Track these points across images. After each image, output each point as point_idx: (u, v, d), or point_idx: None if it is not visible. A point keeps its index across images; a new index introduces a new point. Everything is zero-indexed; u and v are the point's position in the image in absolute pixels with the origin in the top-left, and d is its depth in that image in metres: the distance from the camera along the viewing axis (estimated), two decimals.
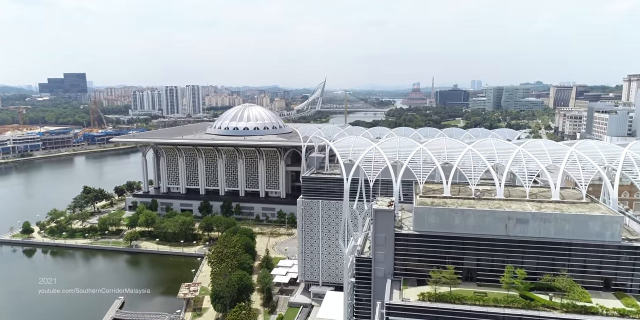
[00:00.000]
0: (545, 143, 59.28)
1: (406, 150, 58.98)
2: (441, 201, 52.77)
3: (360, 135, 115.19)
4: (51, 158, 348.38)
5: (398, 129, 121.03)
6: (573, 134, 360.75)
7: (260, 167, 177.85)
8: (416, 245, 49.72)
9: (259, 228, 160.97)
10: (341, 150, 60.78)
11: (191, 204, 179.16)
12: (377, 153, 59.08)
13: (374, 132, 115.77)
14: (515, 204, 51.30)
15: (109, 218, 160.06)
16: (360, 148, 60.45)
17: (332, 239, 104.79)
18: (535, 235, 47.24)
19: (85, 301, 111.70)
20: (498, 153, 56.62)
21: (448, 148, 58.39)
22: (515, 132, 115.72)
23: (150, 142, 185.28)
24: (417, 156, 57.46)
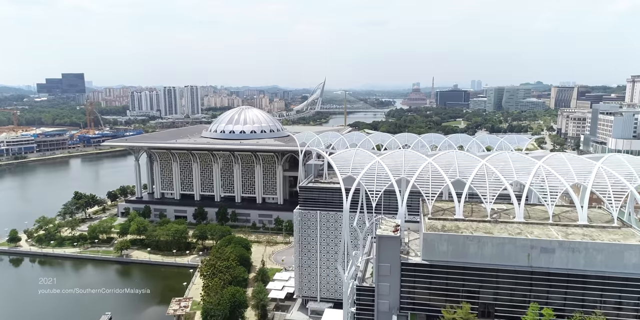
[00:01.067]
0: (568, 157, 53.15)
1: (412, 164, 53.00)
2: (453, 224, 46.70)
3: (361, 142, 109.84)
4: (46, 160, 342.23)
5: (401, 135, 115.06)
6: (577, 136, 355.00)
7: (257, 172, 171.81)
8: (425, 276, 43.70)
9: (255, 236, 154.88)
10: (340, 165, 54.78)
11: (186, 210, 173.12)
12: (379, 167, 53.03)
13: (376, 138, 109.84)
14: (538, 229, 45.25)
15: (99, 226, 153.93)
16: (362, 162, 54.46)
17: (330, 253, 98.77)
18: (562, 267, 41.25)
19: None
20: (516, 168, 50.58)
21: (459, 162, 52.35)
22: (524, 138, 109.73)
23: (144, 147, 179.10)
24: (425, 171, 51.39)
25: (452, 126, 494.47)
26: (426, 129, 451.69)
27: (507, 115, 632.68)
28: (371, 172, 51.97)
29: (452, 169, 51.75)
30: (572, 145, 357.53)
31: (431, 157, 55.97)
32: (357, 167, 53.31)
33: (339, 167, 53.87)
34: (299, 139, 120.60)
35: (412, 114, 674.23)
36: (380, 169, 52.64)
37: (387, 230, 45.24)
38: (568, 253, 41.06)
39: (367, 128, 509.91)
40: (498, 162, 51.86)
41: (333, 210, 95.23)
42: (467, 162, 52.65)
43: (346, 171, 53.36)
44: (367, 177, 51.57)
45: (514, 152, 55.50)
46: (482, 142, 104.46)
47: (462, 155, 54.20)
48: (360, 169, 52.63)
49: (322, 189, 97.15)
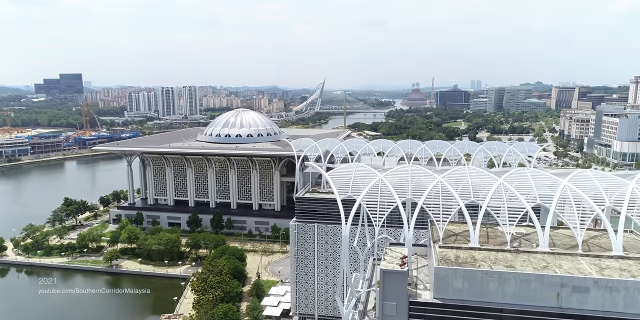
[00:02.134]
0: (597, 175, 47.23)
1: (419, 182, 47.03)
2: (468, 255, 40.72)
3: (361, 149, 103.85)
4: (40, 163, 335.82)
5: (404, 142, 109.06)
6: (580, 138, 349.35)
7: (253, 178, 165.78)
8: (438, 317, 37.71)
9: (251, 245, 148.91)
10: (339, 183, 48.83)
11: (179, 217, 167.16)
12: (383, 185, 47.04)
13: (377, 145, 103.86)
14: (567, 262, 39.28)
15: (88, 234, 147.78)
16: (363, 179, 48.54)
17: (329, 268, 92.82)
18: (598, 309, 35.29)
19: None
20: (537, 188, 44.60)
21: (473, 180, 46.36)
22: (534, 146, 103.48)
23: (136, 151, 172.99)
24: (434, 191, 45.43)
25: (452, 127, 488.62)
26: (427, 131, 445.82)
27: (508, 116, 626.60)
28: (374, 191, 46.07)
29: (464, 188, 45.83)
30: (575, 147, 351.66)
31: (440, 172, 49.96)
32: (358, 185, 47.46)
33: (338, 185, 47.97)
34: (295, 146, 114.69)
35: (412, 115, 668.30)
36: (384, 187, 46.69)
37: (393, 262, 39.28)
38: (605, 293, 35.14)
39: (367, 129, 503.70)
40: (517, 180, 45.84)
41: (332, 222, 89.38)
42: (482, 179, 46.69)
43: (345, 190, 47.48)
44: (370, 198, 45.68)
45: (534, 168, 49.39)
46: (489, 149, 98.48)
47: (476, 172, 48.18)
48: (361, 187, 46.73)
49: (320, 200, 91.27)
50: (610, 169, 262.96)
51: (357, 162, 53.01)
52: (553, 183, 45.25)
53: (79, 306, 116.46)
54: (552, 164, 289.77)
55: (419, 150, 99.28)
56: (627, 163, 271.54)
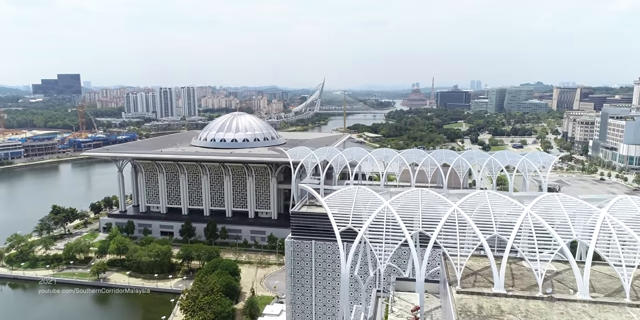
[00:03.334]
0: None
1: (431, 210, 40.23)
2: (492, 304, 33.87)
3: (362, 159, 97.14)
4: (33, 166, 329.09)
5: (408, 151, 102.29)
6: (584, 140, 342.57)
7: (249, 185, 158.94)
8: None
9: (246, 256, 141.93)
10: (338, 212, 42.03)
11: (172, 225, 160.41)
12: (389, 214, 40.24)
13: (379, 155, 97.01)
14: (613, 314, 32.45)
15: (75, 245, 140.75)
16: (365, 206, 41.78)
17: (327, 288, 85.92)
18: None
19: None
20: (572, 219, 37.77)
21: (495, 208, 39.58)
22: (549, 156, 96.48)
23: (127, 157, 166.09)
24: (450, 222, 38.67)
25: (453, 129, 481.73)
26: (428, 133, 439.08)
27: (510, 117, 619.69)
28: (378, 222, 39.35)
29: (485, 218, 39.02)
30: (579, 150, 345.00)
31: (454, 196, 43.09)
32: (359, 214, 40.74)
33: (336, 215, 41.25)
34: (291, 155, 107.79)
35: (412, 116, 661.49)
36: (389, 217, 39.92)
37: (403, 316, 32.47)
38: None
39: (367, 131, 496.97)
40: (546, 209, 39.00)
41: (331, 240, 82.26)
42: (505, 208, 39.85)
43: (345, 221, 40.79)
44: (373, 231, 38.97)
45: (567, 195, 42.56)
46: (501, 160, 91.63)
47: (497, 199, 41.39)
48: (363, 216, 39.99)
49: (318, 215, 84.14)
50: (617, 174, 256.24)
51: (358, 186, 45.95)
52: (589, 213, 38.44)
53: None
54: (557, 167, 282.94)
55: (424, 161, 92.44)
56: (634, 167, 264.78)
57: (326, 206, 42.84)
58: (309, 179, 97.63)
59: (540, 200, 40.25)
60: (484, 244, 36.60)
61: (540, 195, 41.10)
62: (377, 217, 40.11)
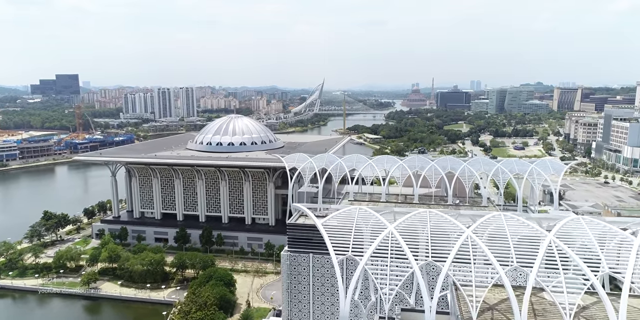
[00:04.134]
0: None
1: (441, 237, 35.77)
2: None
3: (362, 168, 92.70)
4: (29, 169, 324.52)
5: (411, 158, 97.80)
6: (587, 142, 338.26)
7: (245, 190, 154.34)
8: None
9: (243, 264, 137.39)
10: (337, 238, 37.58)
11: (167, 232, 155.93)
12: (394, 241, 35.79)
13: (380, 162, 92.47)
14: None
15: (66, 253, 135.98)
16: (367, 230, 37.33)
17: (326, 304, 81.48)
18: None
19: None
20: (601, 247, 33.28)
21: (513, 235, 35.10)
22: (560, 165, 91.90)
23: (120, 162, 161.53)
24: (463, 249, 34.23)
25: (454, 130, 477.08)
26: (428, 134, 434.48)
27: (510, 118, 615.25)
28: (382, 250, 34.92)
29: (502, 245, 34.55)
30: (582, 152, 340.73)
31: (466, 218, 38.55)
32: (361, 240, 36.31)
33: (335, 242, 36.84)
34: (288, 162, 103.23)
35: (412, 117, 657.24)
36: (394, 243, 35.46)
37: None
38: None
39: (367, 132, 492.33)
40: (571, 236, 34.51)
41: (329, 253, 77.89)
42: (524, 233, 35.36)
43: (344, 248, 36.38)
44: (377, 260, 34.55)
45: (592, 219, 38.09)
46: (508, 168, 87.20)
47: (515, 222, 36.92)
48: (365, 243, 35.59)
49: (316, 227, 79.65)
50: (621, 177, 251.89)
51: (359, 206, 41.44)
52: (621, 239, 33.97)
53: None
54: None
55: (428, 169, 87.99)
56: (638, 170, 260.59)
57: (324, 232, 38.38)
58: (306, 186, 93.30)
59: (565, 224, 35.77)
60: (503, 277, 32.16)
61: (562, 219, 36.60)
62: (380, 243, 35.70)
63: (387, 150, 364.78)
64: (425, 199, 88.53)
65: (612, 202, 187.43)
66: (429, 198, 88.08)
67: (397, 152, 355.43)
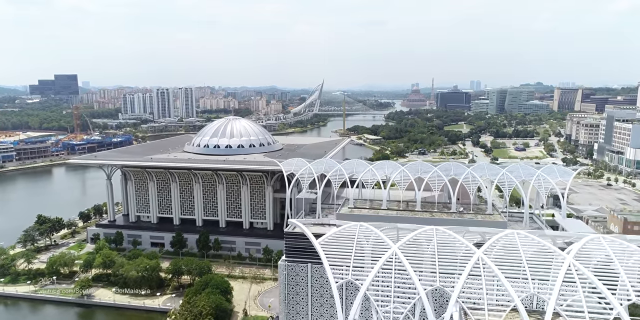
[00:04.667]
0: None
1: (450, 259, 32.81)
2: None
3: (363, 173, 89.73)
4: (25, 170, 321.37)
5: (413, 163, 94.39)
6: (589, 144, 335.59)
7: (243, 194, 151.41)
8: None
9: (240, 270, 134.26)
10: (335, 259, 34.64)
11: (163, 236, 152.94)
12: (398, 264, 32.81)
13: (381, 168, 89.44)
14: None
15: (59, 258, 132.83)
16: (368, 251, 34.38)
17: (325, 316, 78.41)
18: None
19: None
20: (628, 274, 30.28)
21: (529, 257, 32.14)
22: (567, 171, 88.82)
23: (115, 165, 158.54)
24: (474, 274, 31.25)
25: (454, 131, 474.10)
26: (428, 135, 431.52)
27: (511, 118, 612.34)
28: (386, 274, 31.96)
29: (518, 269, 31.55)
30: (583, 153, 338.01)
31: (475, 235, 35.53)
32: (361, 263, 33.36)
33: (333, 264, 33.90)
34: (287, 167, 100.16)
35: (412, 117, 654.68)
36: (399, 267, 32.50)
37: None
38: None
39: (367, 133, 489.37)
40: (593, 259, 31.52)
41: None
42: (539, 255, 32.41)
43: (345, 271, 33.43)
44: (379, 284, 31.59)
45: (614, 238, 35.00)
46: (514, 174, 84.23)
47: (531, 243, 33.93)
48: (366, 266, 32.64)
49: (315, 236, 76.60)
50: (624, 179, 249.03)
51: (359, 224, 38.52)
52: None
53: None
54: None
55: (430, 175, 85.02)
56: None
57: (322, 254, 35.41)
58: (305, 192, 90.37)
59: (585, 244, 32.78)
60: (519, 305, 29.16)
61: (582, 238, 33.60)
62: (383, 265, 32.74)
63: (387, 151, 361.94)
64: (427, 205, 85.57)
65: (616, 205, 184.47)
66: (431, 205, 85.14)
67: (398, 153, 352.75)
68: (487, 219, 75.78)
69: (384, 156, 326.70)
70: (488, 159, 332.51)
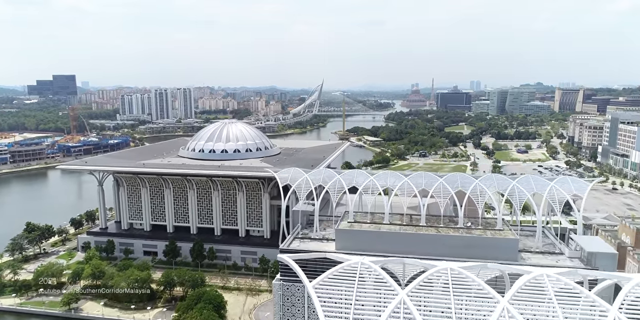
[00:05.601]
0: None
1: (467, 308, 27.54)
2: None
3: (364, 185, 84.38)
4: (20, 173, 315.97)
5: (417, 174, 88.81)
6: (592, 146, 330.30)
7: (239, 200, 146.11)
8: None
9: (235, 281, 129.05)
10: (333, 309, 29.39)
11: (156, 245, 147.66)
12: (405, 312, 27.56)
13: (383, 179, 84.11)
14: None
15: (47, 269, 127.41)
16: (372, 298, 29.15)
17: None
18: None
19: None
20: None
21: (562, 308, 26.87)
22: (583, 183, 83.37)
23: (107, 171, 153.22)
24: None
25: (455, 132, 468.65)
26: (429, 137, 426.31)
27: (512, 119, 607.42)
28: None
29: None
30: (587, 155, 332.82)
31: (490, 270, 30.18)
32: (363, 313, 28.15)
33: (330, 313, 28.72)
34: (282, 178, 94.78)
35: (412, 118, 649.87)
36: (407, 317, 27.26)
37: None
38: None
39: (367, 134, 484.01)
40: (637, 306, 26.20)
41: None
42: (574, 304, 27.09)
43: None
44: None
45: None
46: (525, 186, 78.84)
47: (563, 286, 28.60)
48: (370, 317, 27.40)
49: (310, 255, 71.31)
50: (630, 182, 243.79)
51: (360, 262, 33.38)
52: None
53: None
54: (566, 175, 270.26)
55: (436, 186, 79.53)
56: None
57: (316, 301, 30.20)
58: (302, 204, 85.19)
59: (627, 294, 27.50)
60: None
61: (630, 283, 28.29)
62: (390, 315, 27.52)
63: (388, 153, 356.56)
64: (433, 219, 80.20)
65: (624, 212, 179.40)
66: (437, 219, 79.81)
67: (398, 155, 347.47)
68: (498, 236, 70.46)
69: (384, 159, 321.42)
70: (490, 161, 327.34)
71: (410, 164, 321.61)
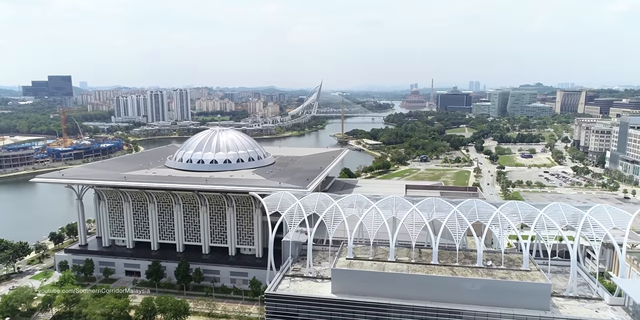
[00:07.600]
0: None
1: None
2: None
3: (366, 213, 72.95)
4: (6, 179, 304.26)
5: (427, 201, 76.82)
6: (600, 151, 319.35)
7: (229, 216, 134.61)
8: None
9: (223, 306, 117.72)
10: None
11: (139, 264, 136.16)
12: None
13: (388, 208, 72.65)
14: None
15: (15, 295, 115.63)
16: None
17: None
18: None
19: None
20: None
21: None
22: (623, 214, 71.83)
23: (85, 184, 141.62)
24: None
25: (457, 136, 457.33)
26: (430, 140, 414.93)
27: (514, 121, 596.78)
28: None
29: None
30: (594, 160, 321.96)
31: None
32: None
33: None
34: (270, 205, 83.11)
35: (412, 120, 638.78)
36: None
37: None
38: None
39: (366, 137, 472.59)
40: None
41: None
42: None
43: None
44: None
45: None
46: (554, 216, 67.39)
47: None
48: None
49: (302, 300, 60.00)
50: None
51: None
52: None
53: None
54: (574, 182, 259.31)
55: (450, 216, 67.98)
56: None
57: None
58: (292, 234, 73.93)
59: None
60: None
61: None
62: None
63: (388, 158, 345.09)
64: (445, 255, 68.76)
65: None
66: (450, 255, 68.44)
67: (399, 160, 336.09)
68: (526, 280, 59.25)
69: (384, 164, 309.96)
70: (494, 166, 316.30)
71: (411, 170, 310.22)
